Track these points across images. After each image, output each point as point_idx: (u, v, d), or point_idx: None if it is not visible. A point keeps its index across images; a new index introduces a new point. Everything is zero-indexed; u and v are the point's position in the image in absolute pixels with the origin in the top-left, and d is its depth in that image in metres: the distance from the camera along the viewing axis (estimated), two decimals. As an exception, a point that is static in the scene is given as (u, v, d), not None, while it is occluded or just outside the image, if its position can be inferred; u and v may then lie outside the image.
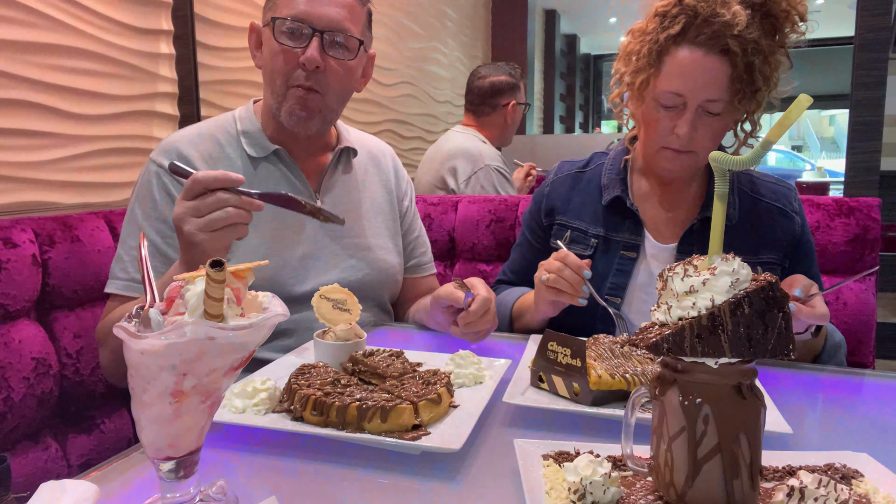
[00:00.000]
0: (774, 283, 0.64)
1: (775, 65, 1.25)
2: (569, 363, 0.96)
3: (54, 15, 1.63)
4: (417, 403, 0.86)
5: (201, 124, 1.41)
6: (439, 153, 2.85)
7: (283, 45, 1.27)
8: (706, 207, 1.37)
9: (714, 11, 1.19)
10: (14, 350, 1.22)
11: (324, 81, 1.30)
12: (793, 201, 1.42)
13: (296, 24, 1.26)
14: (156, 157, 1.32)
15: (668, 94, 1.24)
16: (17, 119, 1.56)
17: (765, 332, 0.63)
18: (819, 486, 0.62)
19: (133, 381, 0.62)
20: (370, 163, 1.57)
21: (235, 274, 0.62)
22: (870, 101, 2.64)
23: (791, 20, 1.24)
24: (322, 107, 1.34)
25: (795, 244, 1.39)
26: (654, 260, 1.38)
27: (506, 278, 1.62)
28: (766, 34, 1.22)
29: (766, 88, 1.25)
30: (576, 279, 1.19)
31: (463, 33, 4.77)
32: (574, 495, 0.66)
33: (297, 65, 1.28)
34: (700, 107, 1.24)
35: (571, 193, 1.49)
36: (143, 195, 1.30)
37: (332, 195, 1.45)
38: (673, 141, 1.27)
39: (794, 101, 0.62)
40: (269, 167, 1.38)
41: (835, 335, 1.32)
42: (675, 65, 1.23)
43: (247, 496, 0.72)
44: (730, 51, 1.20)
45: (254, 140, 1.38)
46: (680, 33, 1.22)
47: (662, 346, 0.64)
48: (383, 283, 1.50)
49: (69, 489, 0.64)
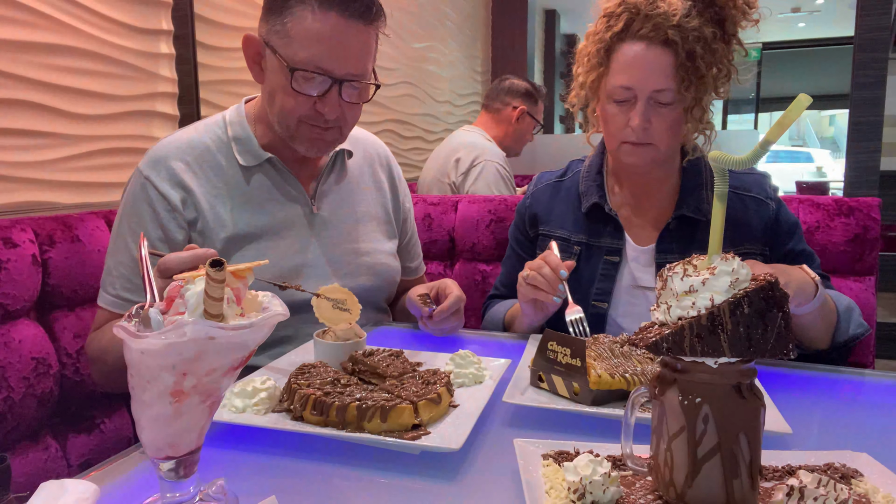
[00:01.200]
0: (774, 282, 0.64)
1: (722, 52, 1.29)
2: (568, 363, 0.97)
3: (54, 15, 1.63)
4: (417, 403, 0.87)
5: (191, 129, 1.36)
6: (444, 149, 2.92)
7: (298, 93, 1.22)
8: (680, 206, 1.38)
9: (653, 5, 1.25)
10: (14, 350, 1.22)
11: (341, 119, 1.28)
12: (766, 188, 1.42)
13: (315, 75, 1.21)
14: (144, 169, 1.28)
15: (618, 88, 1.30)
16: (17, 119, 1.56)
17: (764, 332, 0.63)
18: (819, 485, 0.62)
19: (133, 380, 0.62)
20: (365, 164, 1.54)
21: (235, 274, 0.63)
22: (869, 101, 2.65)
23: (737, 7, 1.28)
24: (339, 137, 1.33)
25: (773, 228, 1.39)
26: (636, 262, 1.41)
27: (498, 293, 1.64)
28: (709, 22, 1.27)
29: (710, 74, 1.28)
30: (552, 277, 1.23)
31: (463, 33, 4.77)
32: (574, 495, 0.66)
33: (311, 106, 1.24)
34: (650, 98, 1.28)
35: (552, 203, 1.52)
36: (129, 209, 1.27)
37: (327, 200, 1.42)
38: (629, 134, 1.31)
39: (794, 101, 0.62)
40: (261, 176, 1.34)
41: (841, 299, 1.30)
42: (622, 60, 1.29)
43: (247, 496, 0.72)
44: (671, 41, 1.24)
45: (246, 148, 1.34)
46: (623, 29, 1.29)
47: (662, 345, 0.64)
48: (382, 287, 1.49)
49: (69, 489, 0.64)
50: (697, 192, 1.39)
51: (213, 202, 1.29)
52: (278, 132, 1.30)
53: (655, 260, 1.38)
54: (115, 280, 1.24)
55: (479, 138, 2.91)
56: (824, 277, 1.38)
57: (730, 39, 1.31)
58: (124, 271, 1.24)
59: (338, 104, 1.24)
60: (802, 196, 1.83)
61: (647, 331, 0.67)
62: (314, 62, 1.20)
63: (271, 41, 1.23)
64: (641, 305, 1.38)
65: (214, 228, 1.28)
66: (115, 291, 1.24)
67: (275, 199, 1.34)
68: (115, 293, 1.24)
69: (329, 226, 1.40)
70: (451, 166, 2.81)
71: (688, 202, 1.38)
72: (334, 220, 1.41)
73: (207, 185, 1.30)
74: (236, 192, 1.31)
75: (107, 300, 1.25)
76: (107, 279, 1.26)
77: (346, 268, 1.41)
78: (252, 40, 1.28)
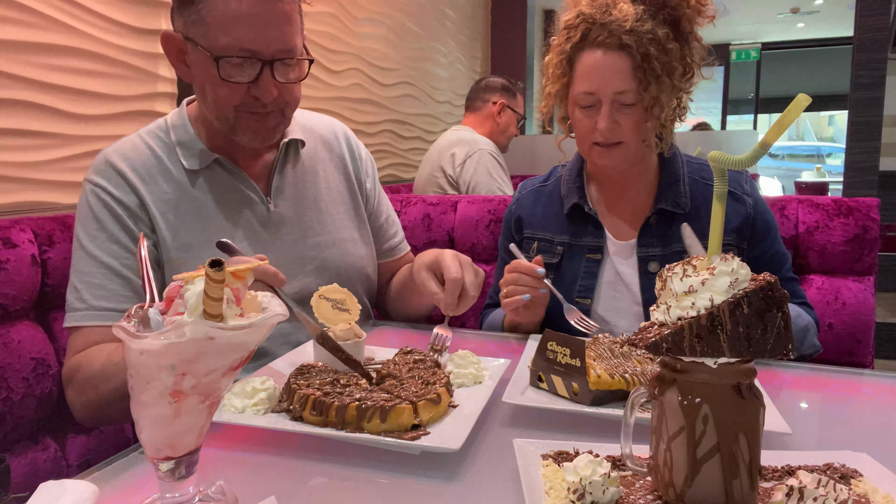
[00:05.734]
0: (773, 282, 0.64)
1: (677, 51, 1.33)
2: (568, 363, 0.97)
3: (54, 15, 1.63)
4: (417, 403, 0.86)
5: (134, 136, 1.30)
6: (436, 148, 3.03)
7: (228, 81, 1.16)
8: (659, 200, 1.43)
9: (606, 13, 1.32)
10: (13, 350, 1.22)
11: (280, 101, 1.22)
12: (743, 183, 1.45)
13: (242, 59, 1.15)
14: (93, 178, 1.23)
15: (583, 94, 1.37)
16: (17, 119, 1.56)
17: (764, 332, 0.63)
18: (818, 485, 0.62)
19: (132, 381, 0.62)
20: (321, 147, 1.46)
21: (235, 274, 0.63)
22: (869, 101, 2.65)
23: (691, 6, 1.33)
24: (281, 120, 1.27)
25: (751, 225, 1.41)
26: (617, 256, 1.45)
27: (493, 302, 1.65)
28: (662, 23, 1.32)
29: (667, 73, 1.32)
30: (534, 281, 1.29)
31: (462, 33, 4.77)
32: (573, 495, 0.66)
33: (246, 93, 1.18)
34: (613, 100, 1.34)
35: (535, 207, 1.57)
36: (85, 217, 1.21)
37: (284, 195, 1.35)
38: (597, 136, 1.37)
39: (793, 101, 0.62)
40: (211, 178, 1.28)
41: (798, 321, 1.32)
42: (583, 68, 1.36)
43: (246, 496, 0.72)
44: (625, 45, 1.30)
45: (190, 151, 1.27)
46: (582, 39, 1.35)
47: (661, 345, 0.64)
48: (354, 279, 1.41)
49: (69, 489, 0.64)
50: (675, 186, 1.43)
51: (163, 209, 1.23)
52: (218, 127, 1.25)
53: (637, 253, 1.42)
54: (82, 292, 1.17)
55: (469, 133, 3.02)
56: (791, 281, 1.43)
57: (687, 38, 1.35)
58: (94, 280, 1.17)
59: (273, 86, 1.18)
60: (802, 196, 1.83)
61: (647, 331, 0.67)
62: (237, 45, 1.13)
63: (189, 33, 1.17)
64: (624, 300, 1.42)
65: (167, 237, 1.23)
66: (87, 304, 1.16)
67: (228, 202, 1.29)
68: (86, 305, 1.16)
69: (288, 222, 1.35)
70: (446, 161, 2.91)
71: (666, 196, 1.42)
72: (293, 216, 1.36)
73: (157, 192, 1.24)
74: (186, 198, 1.25)
75: (77, 316, 1.16)
76: (72, 296, 1.18)
77: (310, 264, 1.35)
78: (170, 37, 1.21)
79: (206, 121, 1.29)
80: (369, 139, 3.34)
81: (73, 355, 1.16)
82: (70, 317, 1.17)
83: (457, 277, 1.20)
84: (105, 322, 1.16)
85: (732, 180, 1.44)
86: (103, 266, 1.18)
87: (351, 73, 3.14)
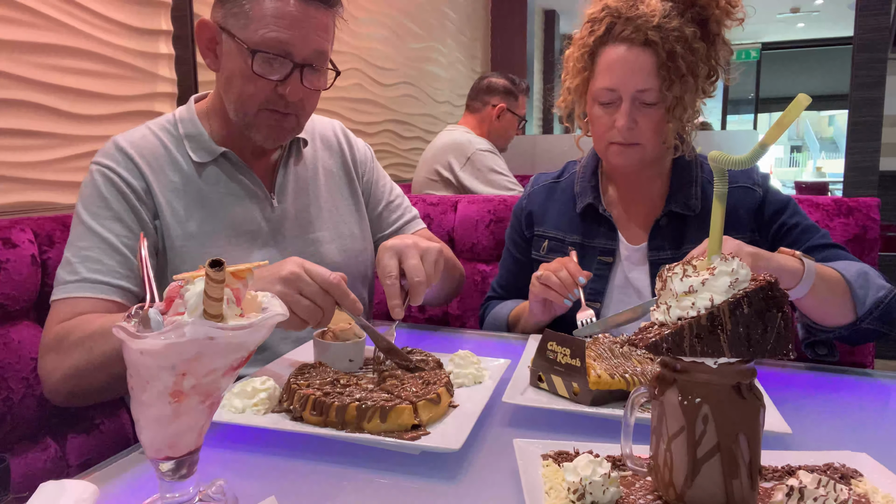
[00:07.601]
0: (773, 282, 0.64)
1: (704, 51, 1.30)
2: (568, 363, 0.97)
3: (54, 15, 1.63)
4: (417, 403, 0.86)
5: (142, 127, 1.32)
6: (431, 150, 3.00)
7: (258, 76, 1.20)
8: (669, 202, 1.40)
9: (633, 7, 1.28)
10: (13, 350, 1.22)
11: (300, 106, 1.26)
12: (753, 175, 1.42)
13: (276, 57, 1.19)
14: (99, 160, 1.24)
15: (603, 90, 1.32)
16: (17, 119, 1.56)
17: (764, 332, 0.63)
18: (818, 485, 0.62)
19: (132, 381, 0.62)
20: (321, 145, 1.50)
21: (235, 274, 0.62)
22: (869, 102, 2.65)
23: (720, 7, 1.30)
24: (296, 126, 1.31)
25: (761, 210, 1.38)
26: (628, 261, 1.42)
27: (495, 294, 1.64)
28: (690, 22, 1.29)
29: (692, 73, 1.30)
30: (568, 282, 1.24)
31: (462, 33, 4.77)
32: (573, 495, 0.66)
33: (272, 90, 1.22)
34: (634, 98, 1.30)
35: (548, 204, 1.54)
36: (88, 196, 1.21)
37: (287, 192, 1.38)
38: (615, 135, 1.33)
39: (793, 101, 0.62)
40: (217, 171, 1.30)
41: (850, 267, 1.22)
42: (605, 63, 1.32)
43: (246, 496, 0.72)
44: (651, 41, 1.27)
45: (198, 144, 1.30)
46: (606, 33, 1.31)
47: (662, 345, 0.64)
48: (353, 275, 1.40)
49: (69, 489, 0.64)
50: (686, 188, 1.40)
51: (169, 197, 1.25)
52: (235, 121, 1.27)
53: (648, 258, 1.40)
54: (76, 265, 1.14)
55: (462, 134, 2.98)
56: (836, 247, 1.34)
57: (714, 39, 1.32)
58: (91, 254, 1.15)
59: (300, 87, 1.23)
60: (802, 196, 1.83)
61: (647, 331, 0.67)
62: (276, 42, 1.18)
63: (227, 24, 1.20)
64: (633, 304, 1.39)
65: (172, 225, 1.24)
66: (80, 275, 1.13)
67: (232, 195, 1.31)
68: (79, 277, 1.13)
69: (290, 218, 1.37)
70: (441, 166, 2.89)
71: (676, 198, 1.39)
72: (295, 212, 1.38)
73: (164, 180, 1.26)
74: (192, 189, 1.28)
75: (69, 288, 1.12)
76: (64, 271, 1.15)
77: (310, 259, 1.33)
78: (207, 25, 1.24)
79: (217, 116, 1.32)
80: (369, 139, 3.34)
81: (59, 323, 1.11)
82: (59, 289, 1.13)
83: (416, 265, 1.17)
84: (97, 294, 1.13)
85: (744, 175, 1.41)
86: (103, 241, 1.17)
87: (351, 73, 3.14)
